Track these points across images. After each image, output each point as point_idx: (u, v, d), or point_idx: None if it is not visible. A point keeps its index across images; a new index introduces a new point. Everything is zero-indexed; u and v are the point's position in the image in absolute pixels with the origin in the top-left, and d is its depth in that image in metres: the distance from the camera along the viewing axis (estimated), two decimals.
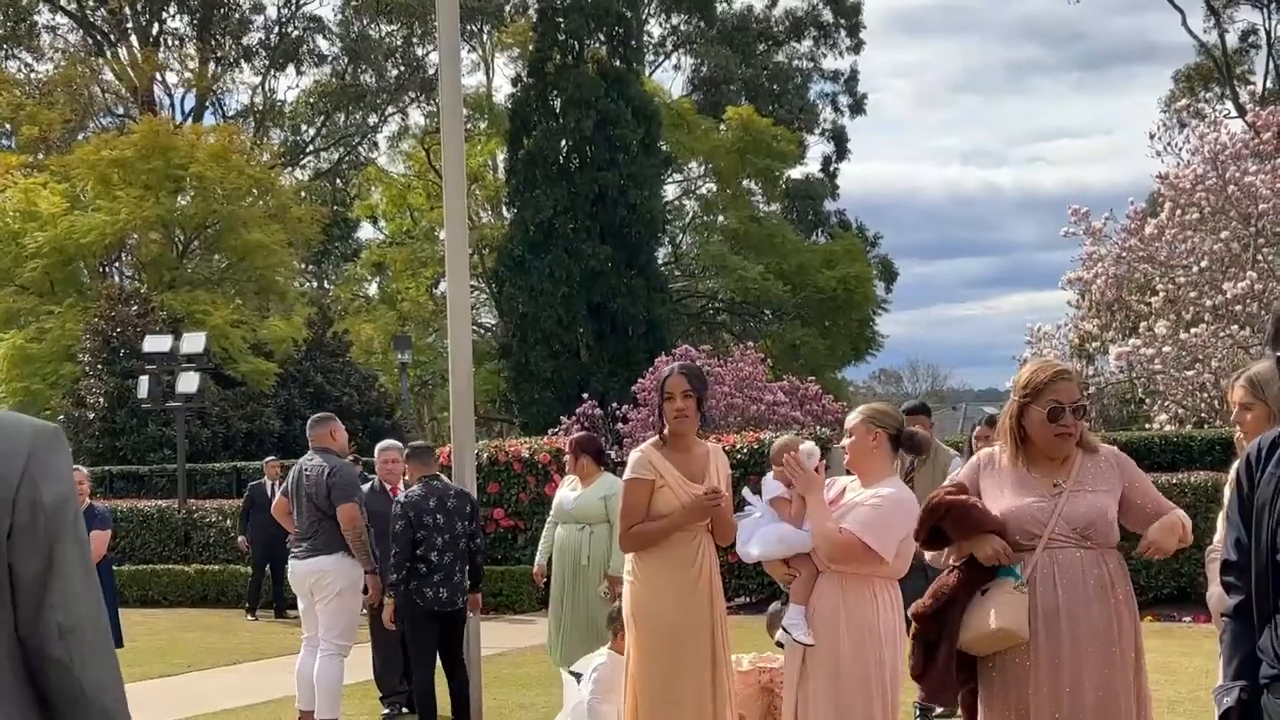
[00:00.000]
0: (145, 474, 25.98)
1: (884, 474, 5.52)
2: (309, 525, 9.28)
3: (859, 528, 5.30)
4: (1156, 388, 21.97)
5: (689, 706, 5.71)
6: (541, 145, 36.77)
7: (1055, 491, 4.63)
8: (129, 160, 32.04)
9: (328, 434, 9.61)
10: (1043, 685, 4.50)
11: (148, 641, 14.84)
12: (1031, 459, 4.70)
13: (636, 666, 5.78)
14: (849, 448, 5.56)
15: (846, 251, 44.84)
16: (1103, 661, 4.55)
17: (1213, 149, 21.73)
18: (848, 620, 5.36)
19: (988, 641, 4.56)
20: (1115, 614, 4.62)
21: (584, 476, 9.49)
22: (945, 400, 75.06)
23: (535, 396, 35.90)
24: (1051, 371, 4.74)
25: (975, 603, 4.59)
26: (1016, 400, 4.71)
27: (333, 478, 9.17)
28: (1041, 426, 4.63)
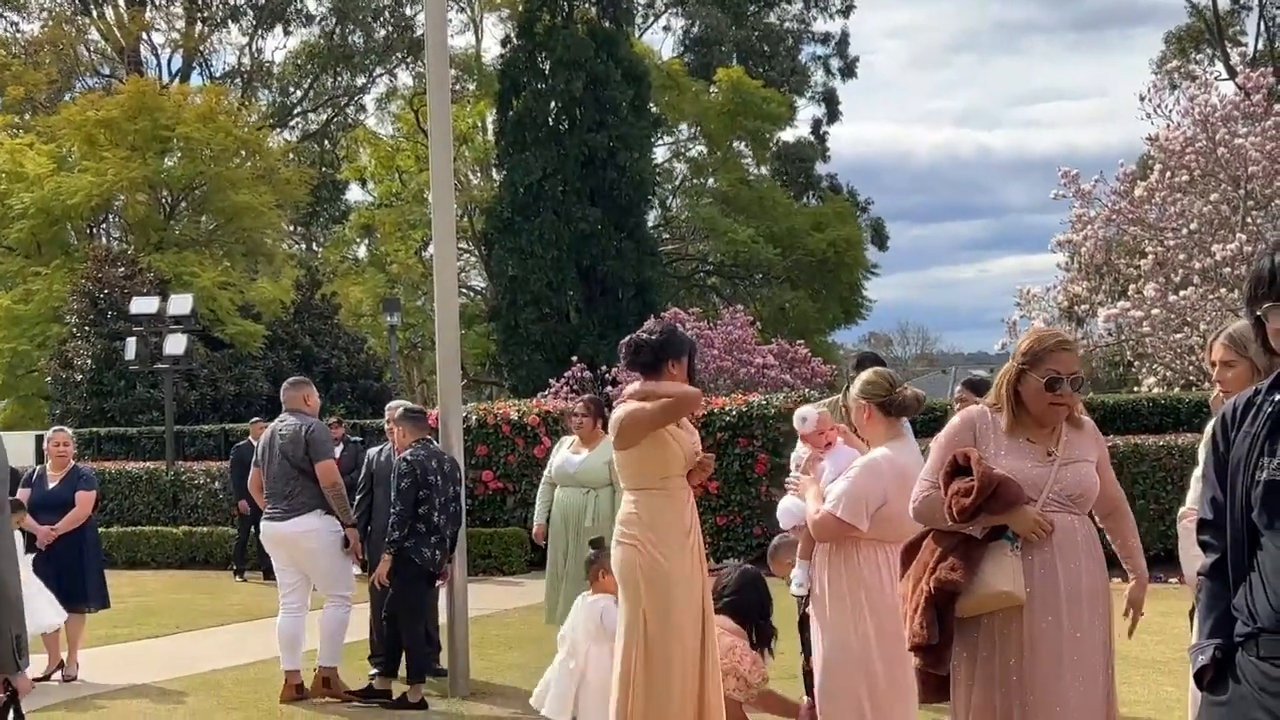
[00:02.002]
0: (133, 436, 25.94)
1: (883, 439, 5.67)
2: (285, 485, 9.26)
3: (830, 502, 5.57)
4: (1145, 350, 22.01)
5: (683, 664, 5.76)
6: (531, 107, 36.63)
7: (1049, 459, 4.65)
8: (115, 121, 31.88)
9: (301, 398, 9.67)
10: (1038, 641, 4.52)
11: (136, 603, 14.85)
12: (1024, 425, 4.70)
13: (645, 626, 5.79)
14: (854, 419, 5.74)
15: (837, 214, 44.81)
16: (1094, 619, 4.61)
17: (1203, 111, 21.70)
18: (831, 584, 5.61)
19: (986, 604, 4.57)
20: (1100, 572, 4.68)
21: (590, 439, 9.49)
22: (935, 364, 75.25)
23: (524, 359, 35.90)
24: (1053, 341, 4.75)
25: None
26: (1015, 365, 4.70)
27: (311, 434, 9.22)
28: (1037, 395, 4.64)
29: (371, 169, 49.05)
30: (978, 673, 4.63)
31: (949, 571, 4.59)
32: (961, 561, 4.59)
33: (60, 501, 10.44)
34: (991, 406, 4.79)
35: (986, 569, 4.56)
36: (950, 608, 4.61)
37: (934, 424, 17.89)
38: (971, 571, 4.57)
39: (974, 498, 4.50)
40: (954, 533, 4.67)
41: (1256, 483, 2.93)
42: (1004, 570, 4.54)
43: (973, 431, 4.75)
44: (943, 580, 4.58)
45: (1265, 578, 2.89)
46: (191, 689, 9.83)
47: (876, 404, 5.63)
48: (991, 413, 4.76)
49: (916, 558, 4.79)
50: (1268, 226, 21.59)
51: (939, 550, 4.69)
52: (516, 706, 8.88)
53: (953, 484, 4.61)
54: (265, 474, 9.46)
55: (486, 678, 9.84)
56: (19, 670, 3.95)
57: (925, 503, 4.73)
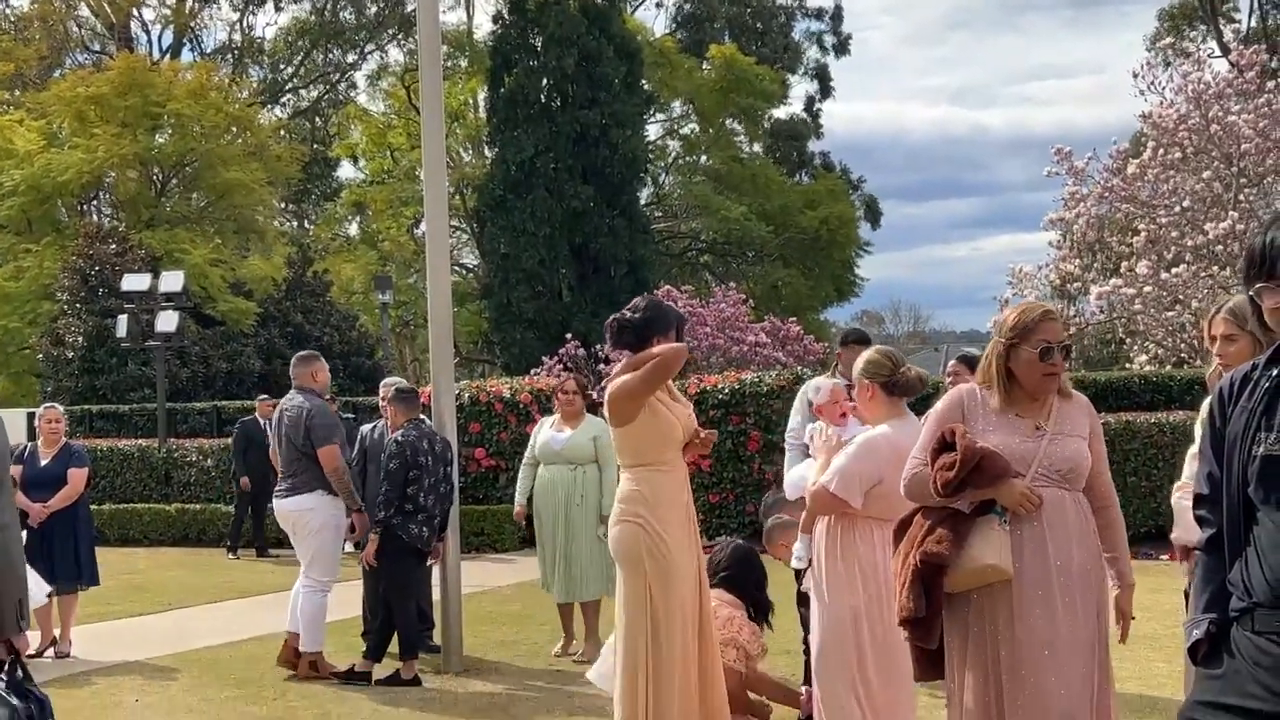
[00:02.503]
0: (125, 413, 25.90)
1: (884, 418, 5.70)
2: (288, 464, 9.34)
3: (826, 476, 5.60)
4: (1137, 328, 22.02)
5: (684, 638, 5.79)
6: (522, 84, 36.49)
7: (1038, 434, 4.66)
8: (106, 97, 31.77)
9: (310, 374, 9.61)
10: (1028, 616, 4.52)
11: (128, 580, 14.85)
12: (1013, 400, 4.71)
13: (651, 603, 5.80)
14: (856, 397, 5.77)
15: (829, 192, 44.74)
16: (1086, 594, 4.61)
17: (1196, 88, 21.68)
18: (827, 558, 5.62)
19: (974, 578, 4.58)
20: (1092, 548, 4.68)
21: (574, 417, 9.71)
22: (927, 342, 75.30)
23: (517, 337, 35.84)
24: (1039, 312, 4.77)
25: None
26: (1003, 342, 4.70)
27: (311, 419, 9.18)
28: (1030, 366, 4.64)
29: (363, 146, 48.89)
30: (970, 648, 4.64)
31: (935, 545, 4.60)
32: (949, 535, 4.60)
33: (52, 479, 10.42)
34: (981, 384, 4.79)
35: (974, 543, 4.57)
36: (937, 581, 4.62)
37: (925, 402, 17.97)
38: (959, 545, 4.58)
39: (956, 471, 4.52)
40: (942, 508, 4.68)
41: (1253, 458, 2.93)
42: (991, 544, 4.54)
43: (961, 409, 4.76)
44: (929, 554, 4.60)
45: (1261, 553, 2.90)
46: (184, 666, 9.84)
47: (880, 383, 5.63)
48: (981, 390, 4.76)
49: (907, 534, 4.81)
50: (1260, 204, 21.59)
51: (927, 525, 4.70)
52: (509, 682, 8.91)
53: (938, 459, 4.63)
54: (277, 449, 9.51)
55: (480, 654, 9.86)
56: (20, 631, 4.09)
57: (914, 480, 4.75)
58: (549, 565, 9.78)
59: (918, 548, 4.66)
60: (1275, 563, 2.86)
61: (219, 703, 8.48)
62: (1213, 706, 2.95)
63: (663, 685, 5.74)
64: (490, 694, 8.57)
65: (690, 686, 5.78)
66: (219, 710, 8.27)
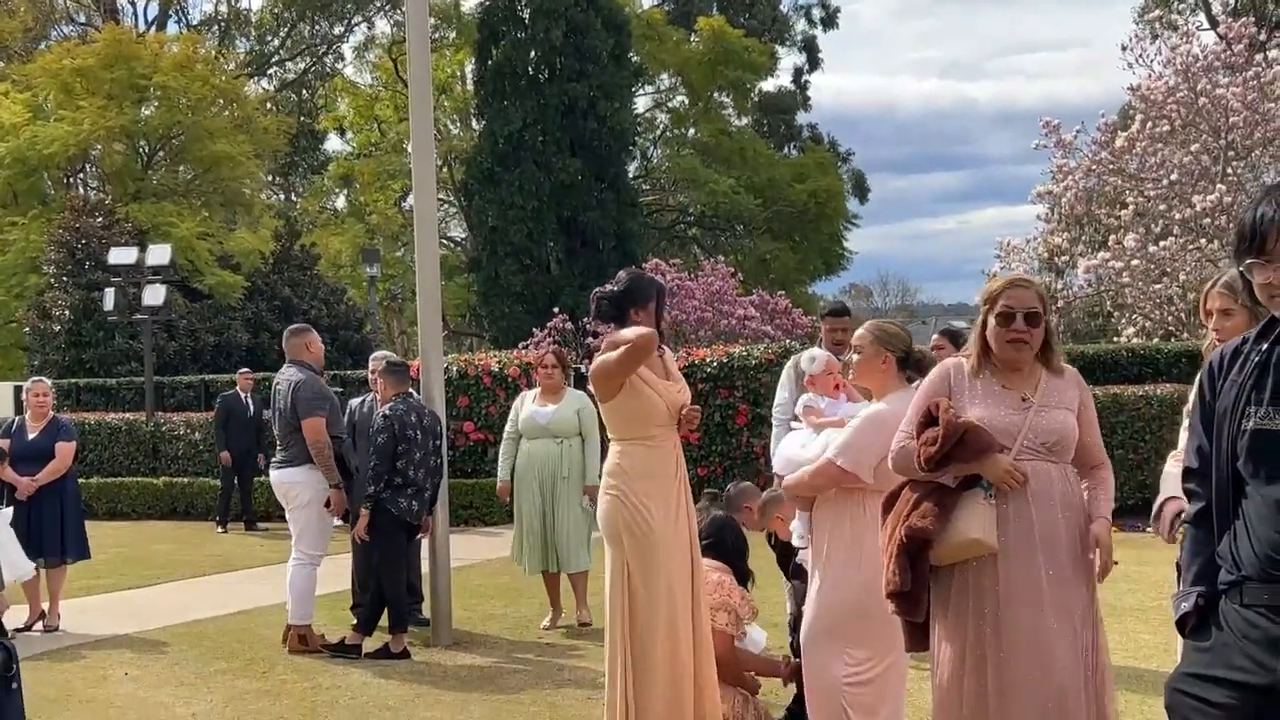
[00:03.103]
0: (112, 387, 25.85)
1: (889, 391, 5.57)
2: (282, 437, 9.36)
3: (832, 450, 5.44)
4: (1125, 301, 22.06)
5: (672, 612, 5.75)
6: (510, 56, 36.38)
7: (1024, 405, 4.65)
8: (91, 69, 31.58)
9: (303, 345, 9.60)
10: (1015, 589, 4.52)
11: (116, 553, 14.84)
12: (998, 371, 4.71)
13: (629, 579, 5.78)
14: (858, 364, 5.59)
15: (818, 165, 44.70)
16: (1076, 568, 4.60)
17: (1184, 61, 21.67)
18: (832, 535, 5.51)
19: (958, 551, 4.58)
20: (1079, 521, 4.67)
21: (555, 391, 9.79)
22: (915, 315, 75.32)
23: (505, 310, 35.82)
24: (1005, 279, 4.79)
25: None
26: (981, 312, 4.74)
27: (298, 392, 9.18)
28: (995, 334, 4.65)
29: (350, 118, 48.70)
30: (953, 622, 4.64)
31: (920, 519, 4.60)
32: (934, 510, 4.60)
33: (40, 453, 10.40)
34: (967, 357, 4.80)
35: (959, 517, 4.57)
36: (923, 555, 4.62)
37: None
38: (944, 519, 4.58)
39: (939, 446, 4.51)
40: (928, 482, 4.68)
41: (1243, 431, 2.94)
42: (976, 518, 4.54)
43: (948, 382, 4.75)
44: (914, 528, 4.60)
45: (1250, 526, 2.91)
46: (174, 639, 9.84)
47: (897, 356, 5.57)
48: (968, 363, 4.77)
49: (894, 508, 4.81)
50: (1248, 177, 21.61)
51: (913, 499, 4.70)
52: (498, 655, 8.93)
53: (923, 434, 4.63)
54: (273, 421, 9.55)
55: (469, 627, 9.88)
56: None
57: (901, 454, 4.75)
58: (533, 538, 9.81)
59: (903, 522, 4.66)
60: (1264, 536, 2.87)
61: (208, 676, 8.49)
62: (1200, 679, 2.96)
63: (641, 660, 5.71)
64: (479, 667, 8.58)
65: (679, 662, 5.76)
66: (208, 683, 8.28)
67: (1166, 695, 3.05)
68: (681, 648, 5.75)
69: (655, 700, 5.70)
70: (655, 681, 5.70)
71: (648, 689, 5.70)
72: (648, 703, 5.70)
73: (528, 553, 9.87)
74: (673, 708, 5.71)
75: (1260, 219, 2.94)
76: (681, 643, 5.76)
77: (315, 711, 7.48)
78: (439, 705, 7.54)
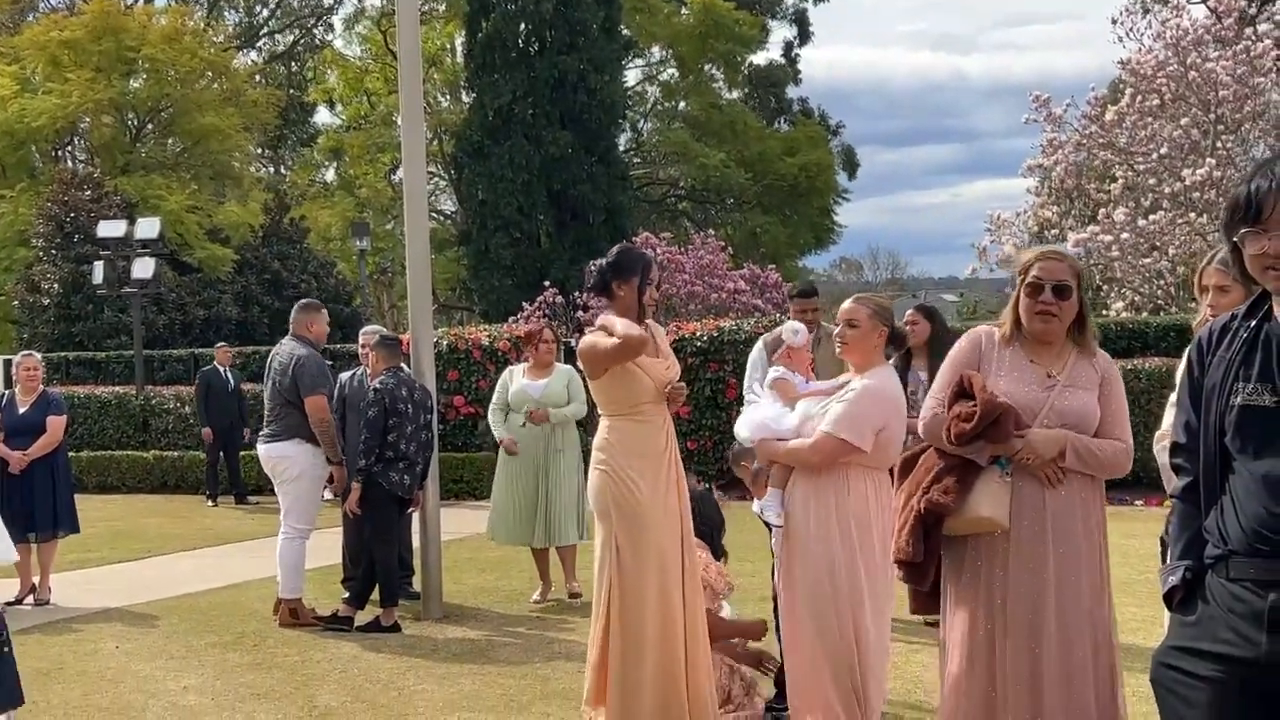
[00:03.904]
0: (102, 360, 25.82)
1: (875, 365, 5.59)
2: (272, 410, 9.32)
3: (832, 426, 5.40)
4: (1114, 275, 22.07)
5: (664, 587, 5.75)
6: (500, 28, 36.22)
7: (1049, 383, 4.65)
8: (79, 42, 31.45)
9: (306, 323, 9.56)
10: (1026, 565, 4.55)
11: (106, 527, 14.86)
12: (1028, 344, 4.70)
13: (617, 554, 5.79)
14: (853, 338, 5.55)
15: (808, 139, 44.63)
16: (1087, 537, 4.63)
17: (1174, 35, 21.63)
18: (816, 507, 5.48)
19: (968, 526, 4.60)
20: (1095, 506, 4.69)
21: (548, 365, 9.86)
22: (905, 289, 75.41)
23: (495, 284, 35.77)
24: (1038, 251, 4.78)
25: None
26: (1016, 284, 4.73)
27: (300, 368, 9.15)
28: (1024, 304, 4.65)
29: (340, 91, 48.54)
30: (965, 594, 4.67)
31: (941, 494, 4.61)
32: (955, 485, 4.61)
33: (31, 427, 10.39)
34: (1000, 325, 4.79)
35: (975, 493, 4.58)
36: (937, 528, 4.65)
37: None
38: (964, 496, 4.59)
39: (974, 424, 4.50)
40: (954, 454, 4.67)
41: (1230, 407, 2.96)
42: (990, 495, 4.55)
43: (978, 351, 4.75)
44: (934, 502, 4.61)
45: (1237, 501, 2.93)
46: (164, 612, 9.86)
47: (889, 330, 5.60)
48: (999, 331, 4.77)
49: (911, 474, 4.81)
50: (1238, 151, 21.61)
51: (935, 471, 4.70)
52: (489, 628, 8.95)
53: (955, 407, 4.62)
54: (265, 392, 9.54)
55: (459, 601, 9.90)
56: None
57: (933, 422, 4.71)
58: (523, 512, 9.81)
59: (923, 493, 4.66)
60: (1250, 511, 2.89)
61: (199, 649, 8.51)
62: (1187, 652, 2.98)
63: (631, 635, 5.71)
64: (470, 640, 8.61)
65: (671, 637, 5.75)
66: (200, 656, 8.30)
67: (1152, 669, 3.08)
68: (673, 623, 5.74)
69: (645, 675, 5.70)
70: (645, 658, 5.70)
71: (638, 665, 5.70)
72: (639, 679, 5.71)
73: (511, 526, 9.87)
74: (664, 683, 5.70)
75: (1256, 190, 2.95)
76: (674, 619, 5.74)
77: (306, 684, 7.50)
78: (429, 678, 7.57)
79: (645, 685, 5.70)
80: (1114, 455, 4.68)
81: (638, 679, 5.71)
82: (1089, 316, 4.78)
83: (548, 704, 6.96)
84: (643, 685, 5.70)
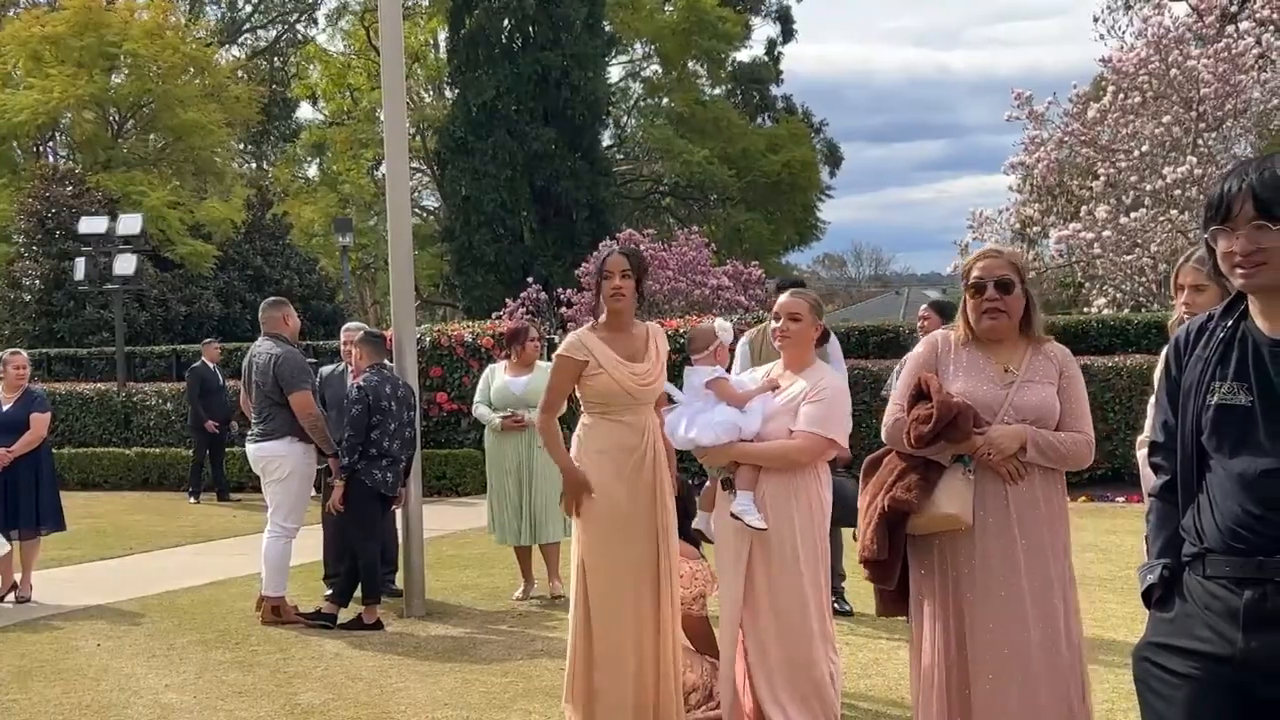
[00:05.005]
0: (84, 357, 25.75)
1: (811, 360, 5.72)
2: (259, 410, 9.30)
3: (819, 427, 5.51)
4: (1096, 272, 22.14)
5: (634, 588, 5.73)
6: (483, 24, 36.20)
7: (1007, 380, 4.68)
8: (61, 37, 31.33)
9: (280, 319, 9.55)
10: (991, 562, 4.58)
11: (89, 524, 14.82)
12: (981, 344, 4.74)
13: (583, 548, 5.79)
14: (794, 332, 5.61)
15: (792, 136, 44.69)
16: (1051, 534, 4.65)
17: (1156, 32, 21.70)
18: (797, 503, 5.56)
19: (933, 524, 4.63)
20: (1056, 498, 4.72)
21: (526, 363, 9.80)
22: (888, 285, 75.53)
23: (478, 280, 35.76)
24: (977, 252, 4.84)
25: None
26: (963, 289, 4.78)
27: (280, 366, 9.13)
28: (972, 306, 4.69)
29: (322, 86, 48.45)
30: (932, 591, 4.70)
31: (905, 491, 4.64)
32: (919, 483, 4.64)
33: (14, 424, 10.35)
34: (955, 330, 4.84)
35: (938, 490, 4.62)
36: (902, 526, 4.68)
37: (884, 345, 18.05)
38: (928, 494, 4.63)
39: (932, 425, 4.54)
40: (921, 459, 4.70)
41: (1207, 406, 2.99)
42: (954, 493, 4.59)
43: (935, 354, 4.79)
44: (898, 500, 4.64)
45: (1213, 500, 2.96)
46: (146, 610, 9.84)
47: (823, 326, 5.74)
48: (954, 335, 4.80)
49: (876, 474, 4.84)
50: (1219, 148, 21.69)
51: (898, 470, 4.73)
52: (472, 626, 8.95)
53: (914, 409, 4.65)
54: (248, 394, 9.52)
55: (442, 598, 9.90)
56: None
57: (894, 426, 4.75)
58: (510, 510, 9.82)
59: (886, 492, 4.69)
60: (1226, 510, 2.92)
61: (181, 647, 8.49)
62: (1165, 648, 3.01)
63: (591, 631, 5.70)
64: (452, 637, 8.61)
65: (636, 635, 5.69)
66: (181, 654, 8.28)
67: (1134, 665, 3.10)
68: (639, 621, 5.70)
69: (611, 674, 5.68)
70: (610, 656, 5.68)
71: (603, 664, 5.69)
72: (604, 677, 5.69)
73: (503, 525, 9.88)
74: (629, 682, 5.69)
75: (1227, 190, 2.99)
76: (640, 617, 5.71)
77: (288, 683, 7.49)
78: (411, 676, 7.57)
79: (611, 683, 5.68)
80: (1075, 448, 4.69)
81: (602, 677, 5.70)
82: (1036, 309, 4.80)
83: (530, 701, 6.96)
84: (608, 683, 5.68)
